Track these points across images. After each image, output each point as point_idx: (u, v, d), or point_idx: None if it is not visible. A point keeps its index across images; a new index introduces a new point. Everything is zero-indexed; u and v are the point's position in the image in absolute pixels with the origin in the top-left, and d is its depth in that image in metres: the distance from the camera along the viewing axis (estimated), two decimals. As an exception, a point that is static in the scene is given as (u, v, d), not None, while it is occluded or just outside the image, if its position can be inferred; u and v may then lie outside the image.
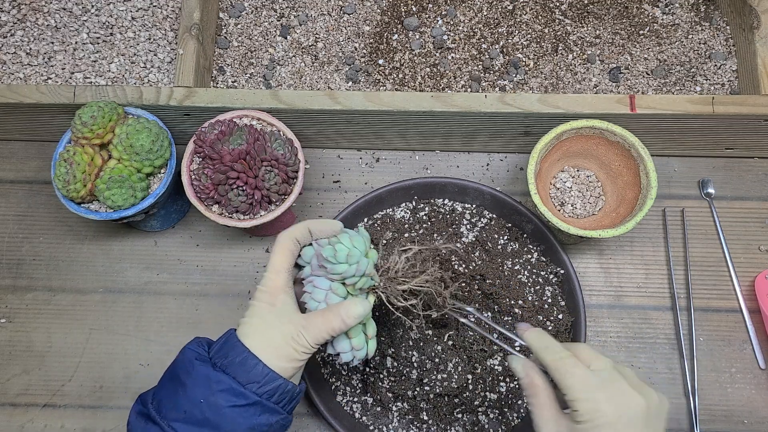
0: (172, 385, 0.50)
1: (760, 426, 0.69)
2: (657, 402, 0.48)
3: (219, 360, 0.49)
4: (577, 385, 0.47)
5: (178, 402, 0.48)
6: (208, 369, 0.48)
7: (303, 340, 0.50)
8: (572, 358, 0.49)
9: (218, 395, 0.47)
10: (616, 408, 0.46)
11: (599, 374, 0.48)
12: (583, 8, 0.83)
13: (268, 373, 0.49)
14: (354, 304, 0.51)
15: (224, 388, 0.48)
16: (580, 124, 0.68)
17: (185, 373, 0.49)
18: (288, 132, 0.69)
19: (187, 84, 0.73)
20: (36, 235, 0.78)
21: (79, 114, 0.66)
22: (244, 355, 0.49)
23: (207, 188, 0.66)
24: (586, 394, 0.46)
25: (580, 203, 0.73)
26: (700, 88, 0.79)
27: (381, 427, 0.68)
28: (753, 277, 0.74)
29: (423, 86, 0.80)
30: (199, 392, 0.48)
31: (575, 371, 0.47)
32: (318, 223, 0.54)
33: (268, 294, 0.51)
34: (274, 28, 0.84)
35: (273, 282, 0.52)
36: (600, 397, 0.46)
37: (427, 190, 0.75)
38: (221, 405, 0.47)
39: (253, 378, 0.48)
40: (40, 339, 0.74)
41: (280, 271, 0.52)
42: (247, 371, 0.48)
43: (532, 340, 0.52)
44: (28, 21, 0.83)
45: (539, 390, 0.50)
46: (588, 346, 0.50)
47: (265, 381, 0.48)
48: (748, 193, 0.77)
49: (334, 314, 0.51)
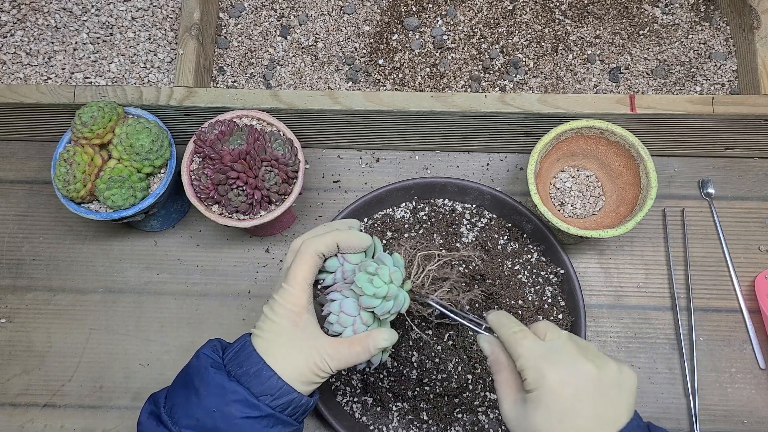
0: (186, 391, 0.49)
1: (760, 426, 0.69)
2: (614, 371, 0.46)
3: (233, 368, 0.49)
4: (524, 353, 0.47)
5: (191, 409, 0.48)
6: (222, 378, 0.48)
7: (327, 367, 0.49)
8: (525, 331, 0.49)
9: (232, 405, 0.47)
10: (561, 376, 0.45)
11: (549, 343, 0.47)
12: (583, 8, 0.83)
13: (283, 387, 0.48)
14: (382, 336, 0.50)
15: (238, 399, 0.47)
16: (580, 124, 0.68)
17: (199, 380, 0.48)
18: (288, 132, 0.69)
19: (187, 84, 0.73)
20: (36, 235, 0.78)
21: (79, 114, 0.66)
22: (258, 367, 0.48)
23: (207, 188, 0.66)
24: (533, 362, 0.46)
25: (580, 203, 0.73)
26: (700, 88, 0.79)
27: (381, 427, 0.68)
28: (753, 277, 0.74)
29: (423, 86, 0.80)
30: (213, 401, 0.47)
31: (524, 342, 0.47)
32: (347, 238, 0.51)
33: (291, 312, 0.49)
34: (274, 28, 0.84)
35: (296, 299, 0.49)
36: (544, 365, 0.45)
37: (427, 190, 0.75)
38: (234, 415, 0.47)
39: (267, 390, 0.48)
40: (40, 339, 0.74)
41: (303, 287, 0.50)
42: (262, 383, 0.48)
43: (491, 320, 0.52)
44: (28, 21, 0.83)
45: (501, 367, 0.50)
46: (547, 322, 0.50)
47: (279, 394, 0.48)
48: (748, 193, 0.77)
49: (362, 346, 0.50)
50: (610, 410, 0.45)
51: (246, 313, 0.74)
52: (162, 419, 0.48)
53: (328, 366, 0.49)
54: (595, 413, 0.44)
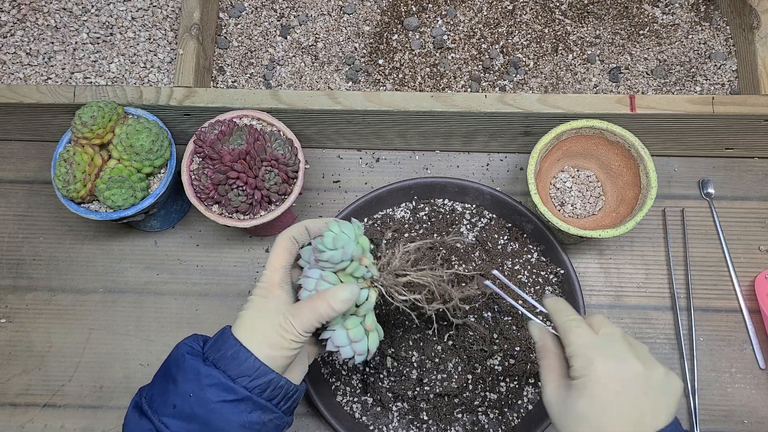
0: (164, 379, 0.49)
1: (760, 426, 0.69)
2: (662, 375, 0.47)
3: (211, 354, 0.49)
4: (576, 341, 0.48)
5: (169, 397, 0.48)
6: (198, 363, 0.48)
7: (291, 328, 0.49)
8: (580, 320, 0.49)
9: (207, 390, 0.47)
10: (609, 368, 0.46)
11: (603, 337, 0.48)
12: (583, 8, 0.83)
13: (260, 367, 0.48)
14: (341, 288, 0.50)
15: (213, 383, 0.47)
16: (580, 124, 0.68)
17: (176, 368, 0.49)
18: (288, 132, 0.69)
19: (187, 84, 0.73)
20: (36, 235, 0.78)
21: (79, 114, 0.66)
22: (235, 349, 0.48)
23: (207, 188, 0.66)
24: (583, 350, 0.47)
25: (580, 203, 0.73)
26: (700, 88, 0.79)
27: (381, 427, 0.68)
28: (753, 277, 0.74)
29: (423, 86, 0.80)
30: (189, 387, 0.47)
31: (578, 330, 0.48)
32: (315, 222, 0.55)
33: (263, 289, 0.52)
34: (274, 28, 0.84)
35: (269, 278, 0.52)
36: (594, 355, 0.46)
37: (427, 190, 0.75)
38: (210, 400, 0.47)
39: (244, 371, 0.48)
40: (40, 339, 0.74)
41: (276, 269, 0.52)
42: (239, 365, 0.48)
43: (548, 305, 0.53)
44: (28, 21, 0.83)
45: (549, 353, 0.51)
46: (603, 316, 0.51)
47: (256, 375, 0.48)
48: (748, 193, 0.77)
49: (320, 299, 0.50)
50: (651, 410, 0.46)
51: (246, 313, 0.74)
52: (143, 409, 0.48)
53: (292, 326, 0.49)
54: (637, 409, 0.45)
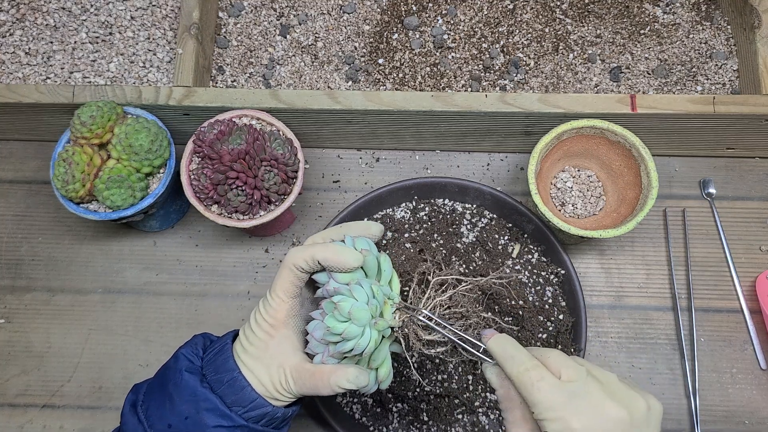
0: (161, 394, 0.48)
1: (760, 426, 0.69)
2: (644, 410, 0.42)
3: (209, 373, 0.48)
4: (543, 402, 0.42)
5: (165, 414, 0.47)
6: (196, 383, 0.47)
7: (290, 389, 0.48)
8: (539, 369, 0.43)
9: (204, 414, 0.46)
10: (588, 424, 0.41)
11: (569, 386, 0.42)
12: (584, 7, 0.83)
13: (256, 399, 0.47)
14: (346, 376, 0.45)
15: (210, 408, 0.46)
16: (581, 123, 0.68)
17: (173, 385, 0.47)
18: (287, 132, 0.69)
19: (187, 83, 0.73)
20: (35, 235, 0.77)
21: (78, 114, 0.65)
22: (233, 376, 0.47)
23: (206, 188, 0.65)
24: (554, 413, 0.41)
25: (580, 203, 0.73)
26: (701, 87, 0.79)
27: (381, 428, 0.68)
28: (754, 278, 0.73)
29: (423, 86, 0.80)
30: (185, 408, 0.46)
31: (541, 385, 0.42)
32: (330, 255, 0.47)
33: (268, 324, 0.48)
34: (273, 28, 0.83)
35: (273, 311, 0.48)
36: (569, 415, 0.41)
37: (427, 190, 0.74)
38: (207, 424, 0.46)
39: (239, 402, 0.46)
40: (39, 339, 0.74)
41: (284, 300, 0.48)
42: (235, 393, 0.46)
43: (495, 349, 0.46)
44: (27, 20, 0.82)
45: (514, 404, 0.45)
46: (559, 353, 0.45)
47: (252, 407, 0.47)
48: (749, 193, 0.77)
49: (322, 382, 0.46)
50: None
51: (245, 313, 0.74)
52: (140, 418, 0.48)
53: (291, 388, 0.47)
54: None
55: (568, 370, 0.43)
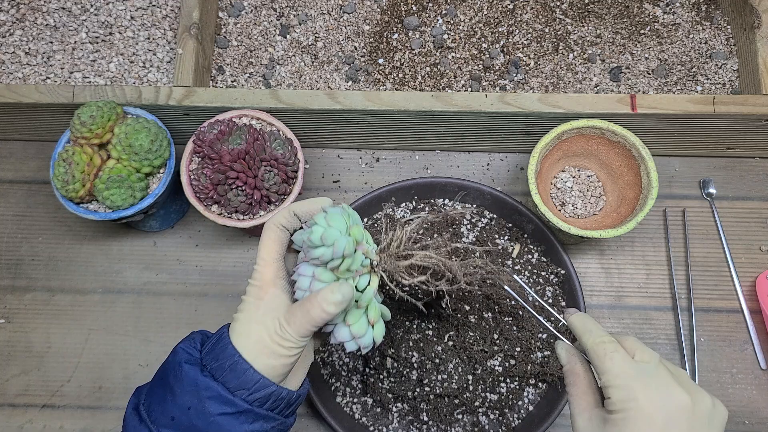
0: (162, 387, 0.48)
1: (761, 427, 0.69)
2: (709, 406, 0.43)
3: (209, 362, 0.47)
4: (613, 370, 0.44)
5: (167, 407, 0.46)
6: (196, 373, 0.46)
7: (286, 334, 0.47)
8: (614, 344, 0.45)
9: (206, 402, 0.45)
10: (653, 401, 0.42)
11: (642, 364, 0.44)
12: (584, 7, 0.83)
13: (259, 380, 0.46)
14: (331, 290, 0.46)
15: (212, 395, 0.46)
16: (581, 123, 0.68)
17: (174, 377, 0.47)
18: (287, 132, 0.69)
19: (187, 83, 0.73)
20: (35, 235, 0.77)
21: (78, 114, 0.65)
22: (233, 360, 0.46)
23: (206, 188, 0.65)
24: (622, 381, 0.43)
25: (580, 203, 0.73)
26: (701, 87, 0.79)
27: (381, 428, 0.68)
28: (754, 278, 0.73)
29: (423, 86, 0.80)
30: (187, 399, 0.46)
31: (614, 356, 0.44)
32: (303, 204, 0.50)
33: (257, 288, 0.49)
34: (273, 28, 0.83)
35: (261, 274, 0.49)
36: (637, 386, 0.42)
37: (427, 190, 0.74)
38: (210, 412, 0.45)
39: (242, 384, 0.46)
40: (39, 339, 0.74)
41: (268, 262, 0.49)
42: (237, 377, 0.46)
43: (574, 323, 0.48)
44: (27, 20, 0.82)
45: (579, 378, 0.47)
46: (636, 339, 0.47)
47: (255, 388, 0.46)
48: (749, 193, 0.77)
49: (312, 303, 0.46)
50: None
51: (245, 313, 0.74)
52: (141, 417, 0.47)
53: (288, 333, 0.47)
54: None
55: (643, 352, 0.45)
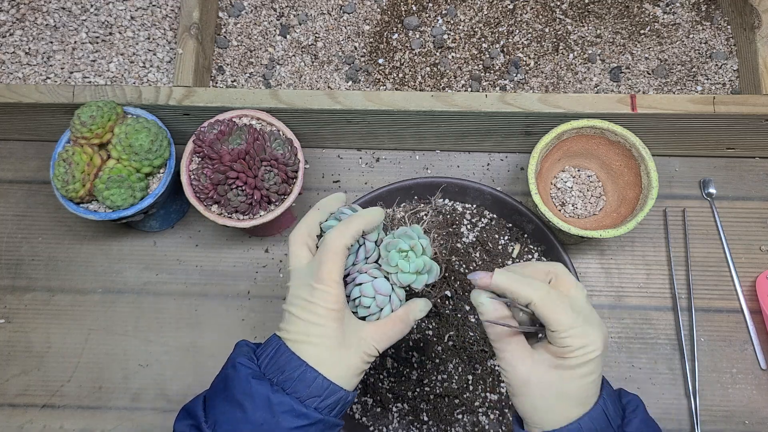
0: (230, 406, 0.47)
1: (761, 427, 0.69)
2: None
3: (274, 375, 0.47)
4: (567, 321, 0.45)
5: (237, 425, 0.46)
6: (267, 389, 0.46)
7: (374, 351, 0.49)
8: (557, 292, 0.47)
9: (280, 417, 0.45)
10: (602, 339, 0.46)
11: (581, 305, 0.47)
12: (584, 7, 0.83)
13: (329, 386, 0.47)
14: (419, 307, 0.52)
15: (286, 410, 0.46)
16: (581, 123, 0.68)
17: (242, 394, 0.46)
18: (287, 132, 0.69)
19: (187, 83, 0.73)
20: (35, 235, 0.77)
21: (78, 114, 0.65)
22: (302, 370, 0.47)
23: (206, 188, 0.65)
24: (577, 329, 0.45)
25: (580, 203, 0.73)
26: (701, 87, 0.79)
27: (381, 428, 0.68)
28: (754, 278, 0.73)
29: (423, 86, 0.80)
30: (260, 415, 0.46)
31: (565, 307, 0.46)
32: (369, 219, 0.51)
33: (334, 311, 0.48)
34: (273, 28, 0.83)
35: (335, 297, 0.48)
36: (589, 331, 0.45)
37: (428, 190, 0.74)
38: (284, 427, 0.45)
39: (314, 392, 0.46)
40: (39, 339, 0.74)
41: (340, 285, 0.49)
42: (307, 386, 0.46)
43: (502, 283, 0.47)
44: (27, 20, 0.82)
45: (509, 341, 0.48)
46: (562, 267, 0.49)
47: (326, 394, 0.47)
48: (749, 193, 0.77)
49: (404, 323, 0.51)
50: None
51: (245, 313, 0.74)
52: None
53: (375, 350, 0.49)
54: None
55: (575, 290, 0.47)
